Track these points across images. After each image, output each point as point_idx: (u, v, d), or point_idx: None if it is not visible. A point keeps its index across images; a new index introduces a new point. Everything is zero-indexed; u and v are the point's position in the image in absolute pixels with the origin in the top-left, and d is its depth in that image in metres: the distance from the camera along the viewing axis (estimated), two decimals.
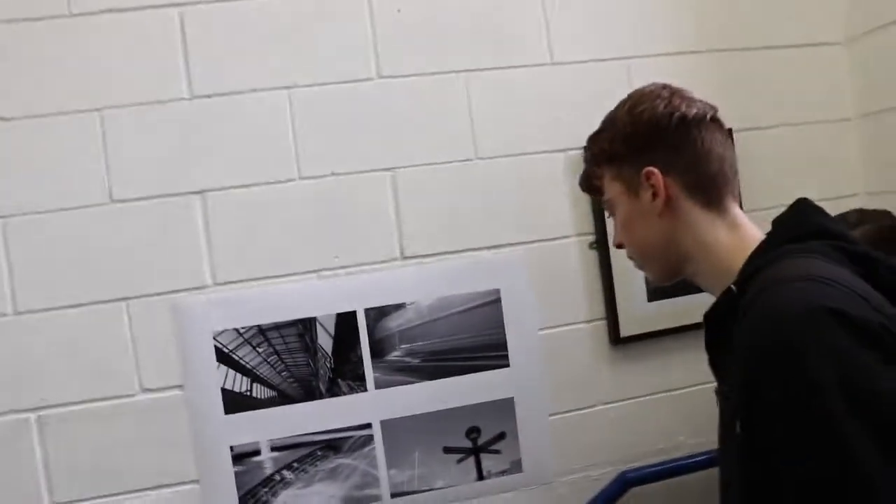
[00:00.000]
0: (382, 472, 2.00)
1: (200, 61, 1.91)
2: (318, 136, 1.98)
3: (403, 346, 2.02)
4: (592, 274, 2.13)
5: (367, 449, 1.99)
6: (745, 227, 1.19)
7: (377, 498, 1.99)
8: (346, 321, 1.98)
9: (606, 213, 1.43)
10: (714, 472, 1.14)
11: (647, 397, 2.15)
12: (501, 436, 2.07)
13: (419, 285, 2.03)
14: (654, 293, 2.13)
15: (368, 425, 1.99)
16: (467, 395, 2.05)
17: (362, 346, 1.99)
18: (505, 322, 2.07)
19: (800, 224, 1.11)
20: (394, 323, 2.01)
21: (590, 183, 1.33)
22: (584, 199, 2.12)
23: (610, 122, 1.27)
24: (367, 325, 1.99)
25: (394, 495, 2.00)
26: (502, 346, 2.07)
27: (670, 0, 2.20)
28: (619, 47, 2.15)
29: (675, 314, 2.14)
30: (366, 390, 1.99)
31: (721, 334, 1.09)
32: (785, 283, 0.96)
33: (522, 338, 2.08)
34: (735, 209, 1.21)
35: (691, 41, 2.21)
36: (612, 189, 1.27)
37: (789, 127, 2.27)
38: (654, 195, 1.20)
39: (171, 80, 1.91)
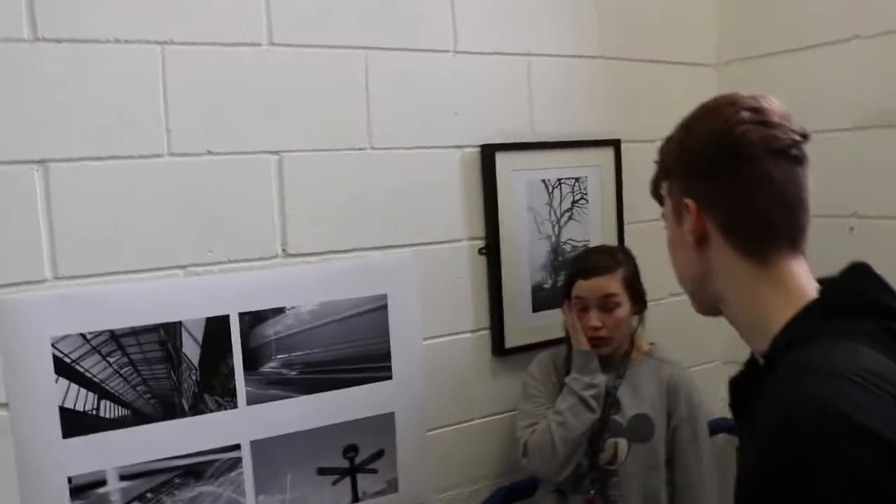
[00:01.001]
0: (250, 499, 1.74)
1: None
2: (194, 106, 1.66)
3: (280, 356, 1.77)
4: (480, 281, 2.02)
5: (233, 473, 1.72)
6: (794, 285, 1.00)
7: None
8: (216, 327, 1.69)
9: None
10: None
11: None
12: (380, 454, 1.90)
13: (302, 288, 1.78)
14: (540, 304, 2.06)
15: (237, 447, 1.73)
16: (347, 410, 1.85)
17: (234, 355, 1.71)
18: (390, 330, 1.89)
19: (852, 295, 0.96)
20: (271, 330, 1.75)
21: (656, 192, 1.13)
22: (478, 201, 1.99)
23: (681, 128, 1.06)
24: (241, 332, 1.71)
25: None
26: (386, 356, 1.89)
27: (572, 3, 2.12)
28: (522, 42, 2.04)
29: (559, 325, 2.09)
30: (236, 407, 1.72)
31: (745, 401, 1.00)
32: (809, 376, 0.85)
33: (407, 348, 1.92)
34: (785, 262, 1.00)
35: (591, 46, 2.16)
36: (666, 205, 1.10)
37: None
38: (691, 229, 1.03)
39: (6, 16, 1.49)
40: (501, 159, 1.99)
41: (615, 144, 2.19)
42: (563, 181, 2.11)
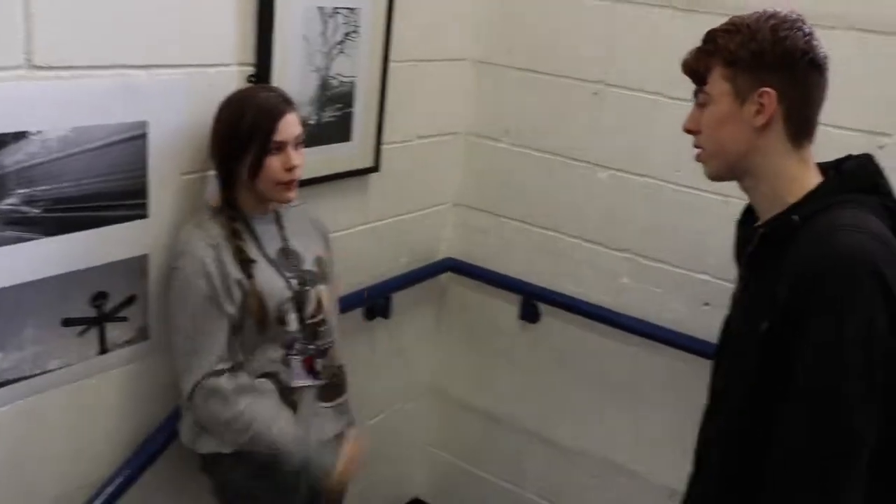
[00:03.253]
0: None
1: None
2: None
3: (21, 190, 1.45)
4: None
5: None
6: (811, 167, 1.30)
7: None
8: None
9: (695, 101, 1.35)
10: None
11: None
12: (131, 300, 1.70)
13: (51, 109, 1.45)
14: (307, 140, 1.92)
15: None
16: (96, 253, 1.61)
17: None
18: (149, 163, 1.64)
19: (863, 177, 1.27)
20: (10, 158, 1.42)
21: (695, 69, 1.32)
22: (252, 23, 1.76)
23: (747, 28, 1.26)
24: None
25: None
26: (141, 192, 1.65)
27: None
28: None
29: (322, 161, 2.01)
30: None
31: (768, 249, 1.28)
32: (848, 230, 1.17)
33: (166, 184, 1.69)
34: (810, 149, 1.30)
35: None
36: (718, 87, 1.29)
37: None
38: (758, 112, 1.25)
39: None
40: None
41: None
42: (338, 10, 1.94)
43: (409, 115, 2.32)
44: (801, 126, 1.28)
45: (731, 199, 2.12)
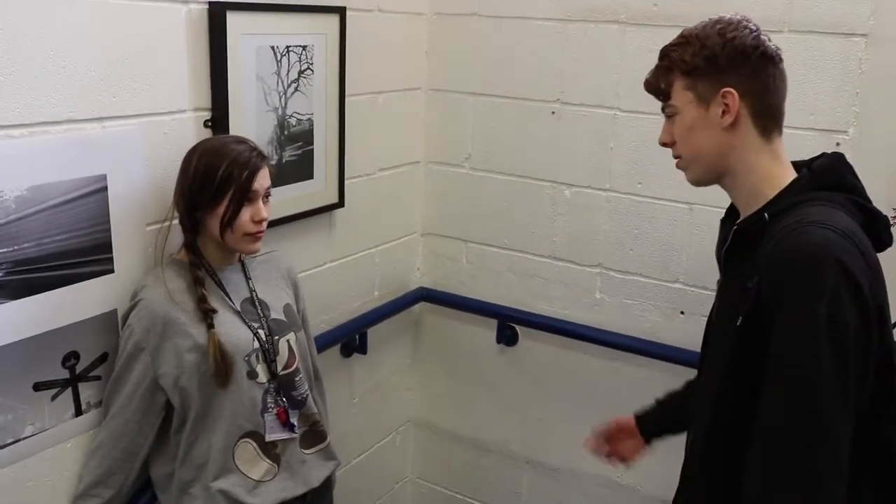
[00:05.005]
0: None
1: None
2: None
3: None
4: None
5: None
6: (783, 161, 1.36)
7: None
8: None
9: (664, 115, 1.41)
10: None
11: None
12: (103, 358, 1.66)
13: (4, 168, 1.42)
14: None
15: None
16: (64, 313, 1.57)
17: None
18: (111, 217, 1.62)
19: (833, 176, 1.33)
20: None
21: (657, 86, 1.39)
22: (204, 67, 1.75)
23: (696, 38, 1.33)
24: None
25: None
26: (106, 247, 1.62)
27: None
28: None
29: (287, 201, 2.00)
30: None
31: (742, 246, 1.33)
32: (815, 226, 1.22)
33: (130, 236, 1.66)
34: (780, 143, 1.36)
35: None
36: (681, 98, 1.35)
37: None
38: (724, 113, 1.31)
39: None
40: (233, 21, 1.76)
41: (340, 12, 2.06)
42: (291, 49, 1.94)
43: (370, 148, 2.32)
44: (767, 118, 1.34)
45: (696, 207, 2.15)
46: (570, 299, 2.40)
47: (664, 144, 1.43)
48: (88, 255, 1.59)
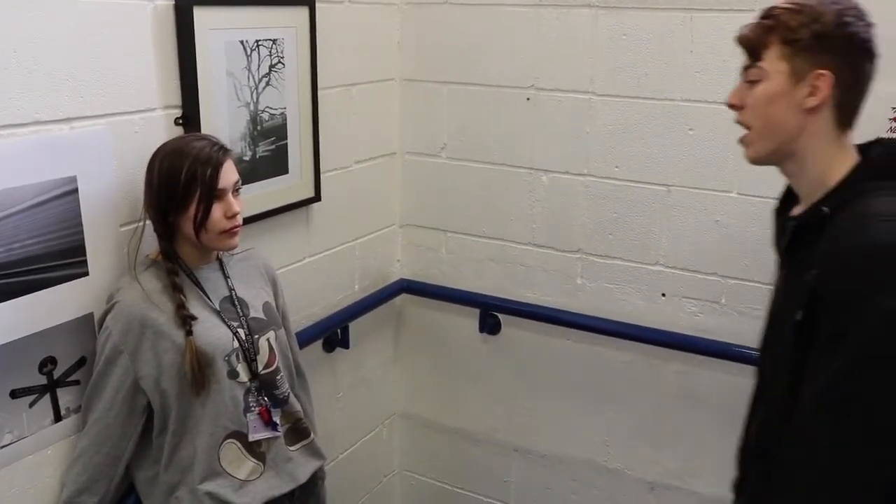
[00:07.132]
0: None
1: None
2: None
3: None
4: None
5: None
6: (849, 154, 1.30)
7: None
8: None
9: (742, 76, 1.33)
10: None
11: None
12: (81, 362, 1.63)
13: None
14: (242, 178, 1.89)
15: None
16: (39, 318, 1.54)
17: None
18: (83, 219, 1.59)
19: (890, 165, 1.27)
20: None
21: (752, 43, 1.30)
22: (173, 64, 1.72)
23: (810, 9, 1.25)
24: None
25: None
26: (80, 249, 1.60)
27: None
28: None
29: (260, 197, 1.97)
30: None
31: (803, 239, 1.29)
32: (879, 218, 1.17)
33: (104, 238, 1.64)
34: (850, 134, 1.30)
35: None
36: (774, 65, 1.27)
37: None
38: (811, 94, 1.25)
39: None
40: (200, 16, 1.73)
41: (310, 4, 2.04)
42: (261, 43, 1.91)
43: (345, 141, 2.30)
44: (848, 112, 1.28)
45: (674, 188, 2.15)
46: (552, 285, 2.40)
47: (731, 106, 1.34)
48: (62, 259, 1.57)
